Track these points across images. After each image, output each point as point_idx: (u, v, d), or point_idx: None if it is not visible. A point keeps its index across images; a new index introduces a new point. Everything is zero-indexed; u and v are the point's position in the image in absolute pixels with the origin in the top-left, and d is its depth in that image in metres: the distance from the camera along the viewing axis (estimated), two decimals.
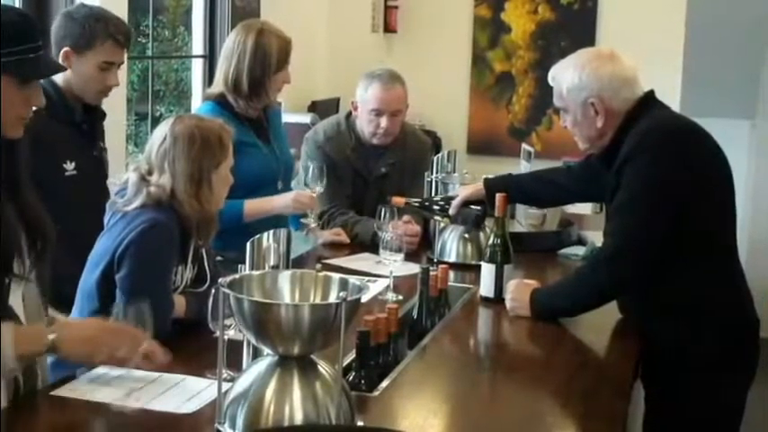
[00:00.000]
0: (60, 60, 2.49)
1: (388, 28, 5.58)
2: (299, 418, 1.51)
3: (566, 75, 2.36)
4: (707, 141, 2.34)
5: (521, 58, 5.51)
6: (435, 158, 3.21)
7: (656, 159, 2.26)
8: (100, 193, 2.54)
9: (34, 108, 1.73)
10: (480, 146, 5.50)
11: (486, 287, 2.52)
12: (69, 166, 2.52)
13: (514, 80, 5.55)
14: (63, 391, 1.80)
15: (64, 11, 2.67)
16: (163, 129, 2.21)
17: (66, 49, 2.51)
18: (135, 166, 2.21)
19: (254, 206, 2.84)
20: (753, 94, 5.20)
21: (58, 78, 2.53)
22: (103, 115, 2.73)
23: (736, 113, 5.21)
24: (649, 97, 2.37)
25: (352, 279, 1.65)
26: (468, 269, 2.81)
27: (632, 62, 2.39)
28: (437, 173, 3.14)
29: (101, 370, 1.89)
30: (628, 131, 2.31)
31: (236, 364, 1.81)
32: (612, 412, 1.83)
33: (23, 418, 1.70)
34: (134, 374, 1.87)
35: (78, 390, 1.80)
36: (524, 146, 3.98)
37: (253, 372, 1.58)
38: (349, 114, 3.31)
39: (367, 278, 2.56)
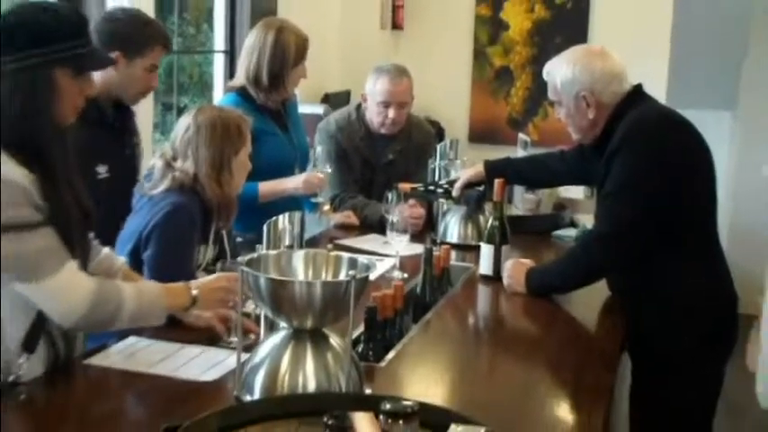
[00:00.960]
0: None
1: (396, 25, 5.55)
2: (311, 387, 1.51)
3: (559, 70, 2.35)
4: (690, 132, 2.32)
5: (518, 53, 5.47)
6: (438, 146, 3.21)
7: (643, 150, 2.25)
8: (133, 192, 2.44)
9: None
10: (480, 135, 5.47)
11: (485, 266, 2.52)
12: (102, 170, 2.43)
13: (512, 74, 5.51)
14: (96, 360, 1.80)
15: (105, 14, 2.53)
16: (187, 119, 2.22)
17: (117, 53, 2.37)
18: (161, 153, 2.21)
19: (268, 187, 2.83)
20: (734, 87, 5.18)
21: None
22: (132, 113, 2.64)
23: (719, 105, 5.20)
24: (637, 91, 2.36)
25: (361, 258, 1.65)
26: (468, 249, 2.81)
27: (621, 58, 2.37)
28: (440, 159, 3.13)
29: (130, 340, 1.90)
30: (617, 123, 2.29)
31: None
32: (600, 383, 1.83)
33: (60, 384, 1.71)
34: (160, 345, 1.88)
35: (109, 359, 1.81)
36: (521, 135, 3.96)
37: (269, 343, 1.58)
38: (359, 106, 3.29)
39: (375, 257, 2.56)
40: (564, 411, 1.73)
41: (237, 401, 1.53)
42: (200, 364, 1.79)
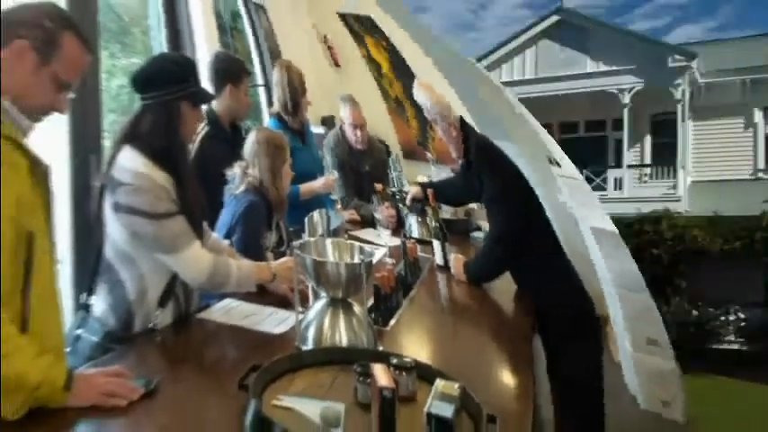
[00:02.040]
0: (227, 94, 2.52)
1: (336, 63, 5.20)
2: (344, 342, 1.60)
3: (419, 97, 2.27)
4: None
5: (396, 87, 5.09)
6: (390, 161, 3.33)
7: (497, 169, 2.20)
8: None
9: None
10: (409, 153, 5.04)
11: (438, 258, 2.54)
12: (230, 172, 2.37)
13: (403, 104, 5.11)
14: (203, 315, 1.87)
15: (214, 57, 2.61)
16: (252, 135, 2.28)
17: (229, 86, 2.51)
18: (238, 163, 2.27)
19: (304, 188, 2.90)
20: None
21: (216, 108, 2.52)
22: (242, 131, 2.66)
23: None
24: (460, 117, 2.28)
25: (366, 247, 1.73)
26: (427, 243, 2.78)
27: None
28: (394, 171, 3.27)
29: (226, 302, 1.96)
30: (469, 142, 2.21)
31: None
32: (523, 352, 1.87)
33: (182, 331, 1.77)
34: (246, 306, 1.94)
35: (212, 315, 1.88)
36: (428, 154, 4.11)
37: (315, 307, 1.65)
38: (341, 127, 3.37)
39: (374, 246, 2.58)
40: (507, 376, 1.73)
41: (297, 350, 1.59)
42: (273, 320, 1.86)
